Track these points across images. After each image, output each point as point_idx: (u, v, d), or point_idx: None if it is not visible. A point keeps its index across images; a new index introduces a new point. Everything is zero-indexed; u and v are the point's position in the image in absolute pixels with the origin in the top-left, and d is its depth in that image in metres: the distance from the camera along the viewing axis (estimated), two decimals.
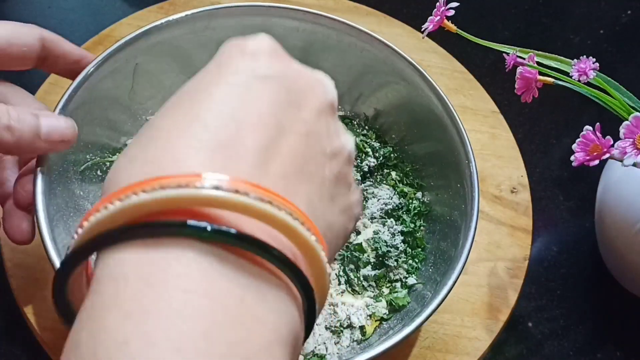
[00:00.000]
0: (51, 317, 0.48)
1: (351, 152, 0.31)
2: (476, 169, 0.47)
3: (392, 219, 0.52)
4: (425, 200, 0.54)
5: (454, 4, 0.49)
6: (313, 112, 0.28)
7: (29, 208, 0.43)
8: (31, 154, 0.42)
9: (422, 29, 0.50)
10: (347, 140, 0.30)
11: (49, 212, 0.42)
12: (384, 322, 0.49)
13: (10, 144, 0.39)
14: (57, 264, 0.41)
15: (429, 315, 0.42)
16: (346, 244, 0.50)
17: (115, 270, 0.22)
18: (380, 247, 0.50)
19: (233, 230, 0.22)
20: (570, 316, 0.56)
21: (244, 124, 0.25)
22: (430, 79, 0.50)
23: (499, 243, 0.56)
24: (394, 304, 0.49)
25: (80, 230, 0.23)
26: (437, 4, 0.49)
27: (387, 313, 0.49)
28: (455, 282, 0.43)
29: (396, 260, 0.50)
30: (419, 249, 0.51)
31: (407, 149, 0.55)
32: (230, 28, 0.53)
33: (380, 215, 0.53)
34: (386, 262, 0.50)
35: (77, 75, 0.47)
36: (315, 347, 0.47)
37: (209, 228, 0.22)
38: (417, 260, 0.51)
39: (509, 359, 0.53)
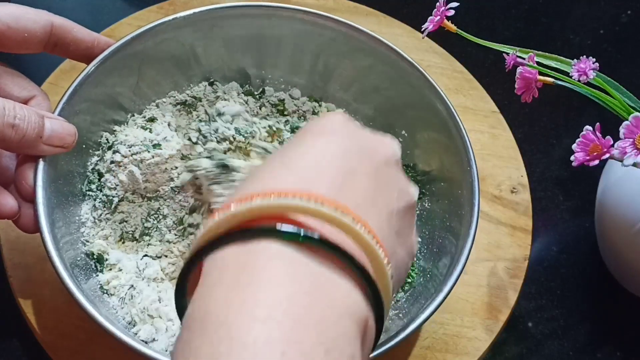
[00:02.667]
0: (51, 317, 0.48)
1: (415, 201, 0.36)
2: (477, 177, 0.47)
3: None
4: (426, 206, 0.53)
5: (454, 4, 0.49)
6: (381, 162, 0.35)
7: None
8: (28, 154, 0.42)
9: (422, 29, 0.50)
10: (413, 190, 0.37)
11: (49, 206, 0.42)
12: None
13: (13, 143, 0.40)
14: (56, 259, 0.41)
15: (413, 331, 0.42)
16: None
17: (219, 262, 0.28)
18: None
19: (314, 234, 0.28)
20: (570, 316, 0.56)
21: (322, 170, 0.32)
22: (431, 80, 0.50)
23: (498, 243, 0.56)
24: None
25: (194, 240, 0.30)
26: (437, 4, 0.49)
27: None
28: (448, 292, 0.43)
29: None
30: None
31: (410, 153, 0.55)
32: (237, 27, 0.53)
33: None
34: None
35: (91, 61, 0.47)
36: None
37: (297, 231, 0.28)
38: (412, 276, 0.50)
39: (509, 359, 0.53)
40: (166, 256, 0.50)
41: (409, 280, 0.50)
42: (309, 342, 0.25)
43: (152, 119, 0.54)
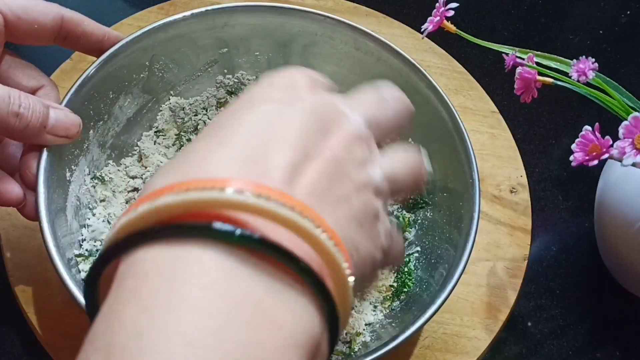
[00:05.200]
0: (52, 317, 0.48)
1: (379, 184, 0.30)
2: (479, 191, 0.46)
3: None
4: (428, 215, 0.53)
5: (454, 5, 0.49)
6: (340, 141, 0.29)
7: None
8: (33, 143, 0.43)
9: (422, 30, 0.50)
10: (376, 173, 0.30)
11: (50, 195, 0.43)
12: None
13: (17, 131, 0.40)
14: (56, 257, 0.41)
15: (401, 343, 0.41)
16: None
17: (137, 267, 0.23)
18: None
19: (257, 235, 0.22)
20: (569, 316, 0.56)
21: (272, 145, 0.26)
22: (431, 80, 0.50)
23: (498, 243, 0.56)
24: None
25: (110, 232, 0.24)
26: (437, 4, 0.49)
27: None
28: (441, 304, 0.43)
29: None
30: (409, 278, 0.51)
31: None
32: (248, 26, 0.53)
33: None
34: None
35: (101, 54, 0.47)
36: None
37: (237, 232, 0.22)
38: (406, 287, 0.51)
39: (509, 359, 0.54)
40: None
41: (405, 289, 0.50)
42: None
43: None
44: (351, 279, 0.25)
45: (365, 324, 0.48)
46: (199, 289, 0.22)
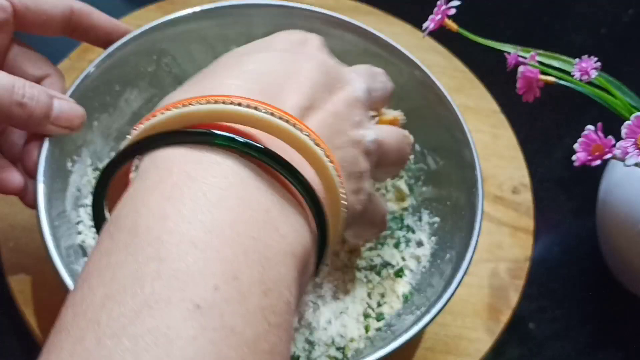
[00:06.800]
0: (50, 318, 0.48)
1: (369, 145, 0.34)
2: (482, 200, 0.46)
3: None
4: (432, 223, 0.53)
5: (456, 3, 0.48)
6: (341, 99, 0.33)
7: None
8: (35, 132, 0.43)
9: (423, 28, 0.50)
10: (369, 134, 0.34)
11: (49, 191, 0.42)
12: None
13: (20, 121, 0.40)
14: (52, 246, 0.40)
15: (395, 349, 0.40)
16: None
17: (161, 163, 0.25)
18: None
19: (261, 146, 0.25)
20: (572, 317, 0.55)
21: (285, 87, 0.30)
22: (440, 86, 0.50)
23: (500, 244, 0.55)
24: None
25: (130, 136, 0.27)
26: (438, 2, 0.49)
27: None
28: (438, 312, 0.42)
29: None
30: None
31: (424, 168, 0.54)
32: (258, 24, 0.53)
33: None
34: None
35: (109, 47, 0.47)
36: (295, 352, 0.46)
37: (239, 139, 0.25)
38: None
39: None
40: None
41: (405, 293, 0.50)
42: (248, 280, 0.22)
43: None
44: (344, 206, 0.29)
45: (359, 334, 0.48)
46: (218, 189, 0.24)
